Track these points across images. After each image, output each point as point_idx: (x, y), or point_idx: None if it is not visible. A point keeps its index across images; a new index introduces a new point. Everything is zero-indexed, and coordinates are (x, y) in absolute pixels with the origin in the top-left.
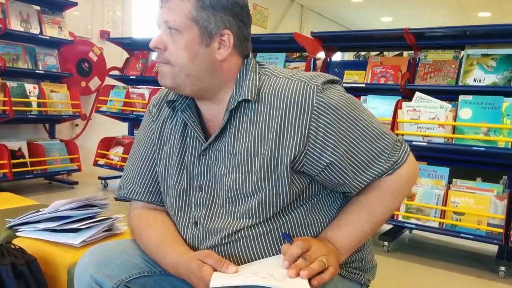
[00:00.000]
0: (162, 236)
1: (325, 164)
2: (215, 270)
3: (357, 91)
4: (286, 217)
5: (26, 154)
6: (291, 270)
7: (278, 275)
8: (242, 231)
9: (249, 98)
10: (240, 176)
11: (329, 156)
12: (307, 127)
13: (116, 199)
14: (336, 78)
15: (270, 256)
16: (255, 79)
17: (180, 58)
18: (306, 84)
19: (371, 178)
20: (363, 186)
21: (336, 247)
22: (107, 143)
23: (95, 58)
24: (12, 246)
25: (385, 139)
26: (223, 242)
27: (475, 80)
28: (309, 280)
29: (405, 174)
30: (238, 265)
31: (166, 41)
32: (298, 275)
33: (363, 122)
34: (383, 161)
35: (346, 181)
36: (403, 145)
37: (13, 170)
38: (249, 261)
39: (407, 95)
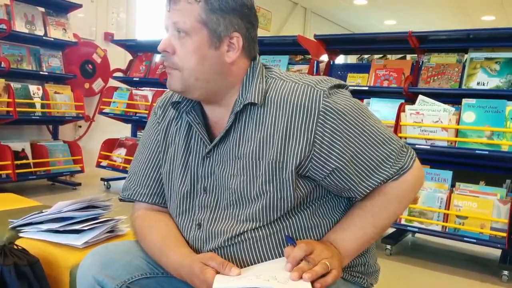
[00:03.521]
0: (164, 238)
1: (331, 169)
2: (218, 272)
3: (360, 94)
4: (290, 220)
5: (30, 155)
6: (294, 272)
7: (281, 278)
8: (245, 233)
9: (255, 102)
10: (245, 179)
11: (335, 161)
12: (313, 132)
13: (121, 200)
14: (343, 82)
15: (273, 258)
16: (261, 82)
17: (189, 62)
18: (312, 88)
19: (376, 184)
20: (368, 191)
21: (340, 250)
22: (110, 144)
23: (99, 60)
24: (15, 247)
25: (391, 144)
26: (226, 245)
27: (478, 83)
28: (312, 283)
29: (411, 180)
30: (241, 267)
31: (174, 44)
32: (301, 277)
33: (369, 127)
34: (389, 166)
35: (352, 186)
36: (409, 151)
37: (17, 171)
38: (252, 264)
39: (410, 98)
